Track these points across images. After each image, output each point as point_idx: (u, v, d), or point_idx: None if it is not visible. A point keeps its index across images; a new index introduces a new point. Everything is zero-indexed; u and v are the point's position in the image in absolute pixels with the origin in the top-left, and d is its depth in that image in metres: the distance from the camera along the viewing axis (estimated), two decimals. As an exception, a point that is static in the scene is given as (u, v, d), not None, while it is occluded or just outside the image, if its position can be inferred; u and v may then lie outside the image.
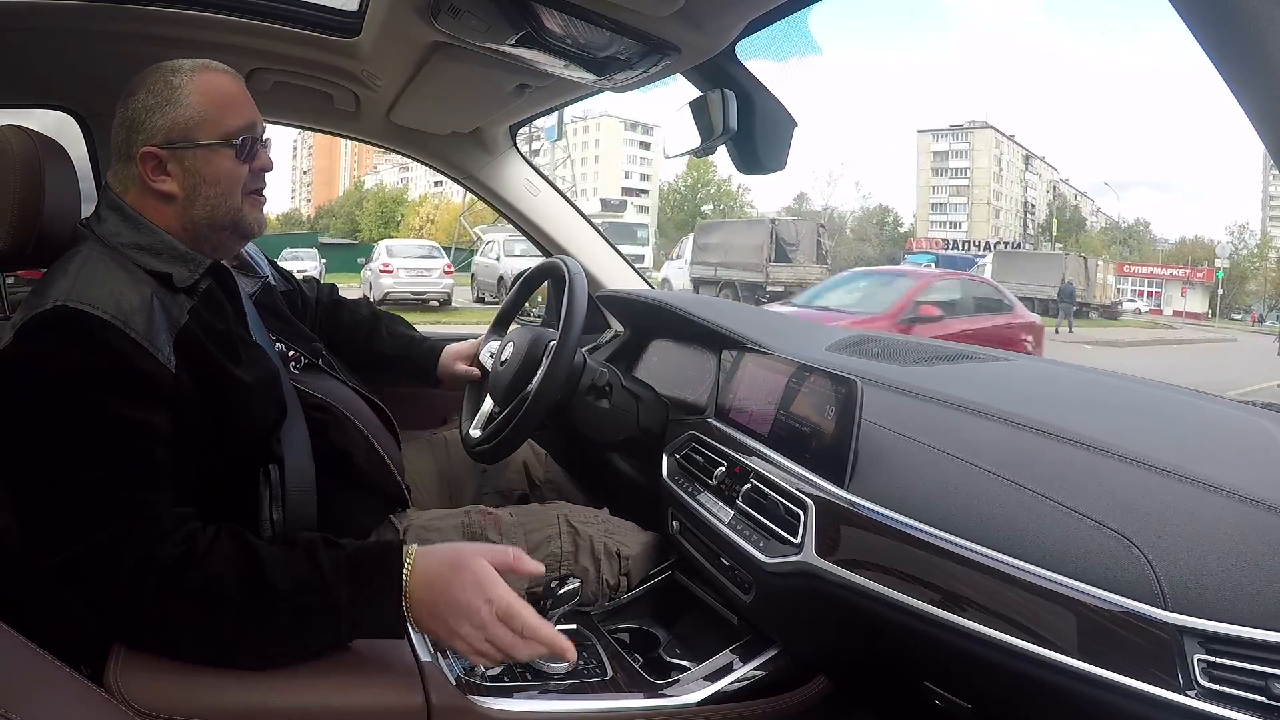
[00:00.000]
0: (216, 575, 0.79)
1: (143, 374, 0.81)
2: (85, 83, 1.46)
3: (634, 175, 58.15)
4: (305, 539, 0.84)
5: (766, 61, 1.17)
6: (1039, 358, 1.30)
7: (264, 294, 1.14)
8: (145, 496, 0.80)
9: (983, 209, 53.83)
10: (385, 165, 31.84)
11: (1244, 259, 46.65)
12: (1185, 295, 38.55)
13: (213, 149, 0.92)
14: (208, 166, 0.92)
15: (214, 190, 0.93)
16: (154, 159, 0.91)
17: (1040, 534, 0.71)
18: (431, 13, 1.04)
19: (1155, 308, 38.16)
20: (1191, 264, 33.84)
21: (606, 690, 0.96)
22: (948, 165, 56.56)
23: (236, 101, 0.94)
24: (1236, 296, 43.37)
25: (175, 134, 0.91)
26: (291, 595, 0.79)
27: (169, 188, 0.92)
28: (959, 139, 56.59)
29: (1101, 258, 31.22)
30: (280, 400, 0.98)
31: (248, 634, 0.79)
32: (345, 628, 0.82)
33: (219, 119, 0.92)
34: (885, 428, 0.92)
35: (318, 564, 0.81)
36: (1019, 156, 56.58)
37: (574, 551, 1.16)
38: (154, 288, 0.87)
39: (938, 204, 56.43)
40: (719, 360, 1.23)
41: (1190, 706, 0.58)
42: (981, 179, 54.66)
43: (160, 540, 0.79)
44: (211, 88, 0.93)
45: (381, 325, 1.46)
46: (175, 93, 0.91)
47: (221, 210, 0.94)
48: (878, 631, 0.83)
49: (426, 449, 1.43)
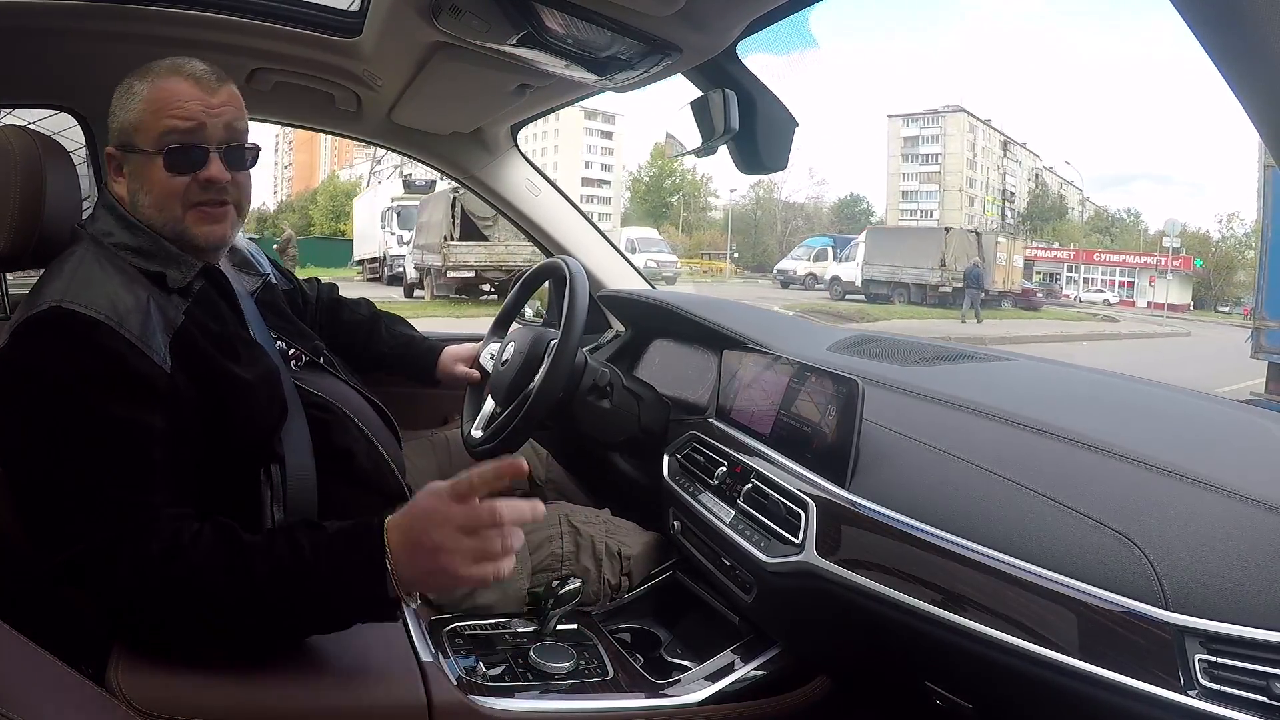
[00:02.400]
0: (198, 566, 0.78)
1: (138, 375, 0.81)
2: (85, 83, 1.46)
3: (594, 166, 56.39)
4: (286, 523, 0.83)
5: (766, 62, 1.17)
6: (1039, 358, 1.29)
7: (265, 292, 1.14)
8: (142, 497, 0.80)
9: (955, 196, 51.58)
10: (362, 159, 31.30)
11: (1232, 248, 44.06)
12: (1154, 285, 35.15)
13: (147, 156, 0.89)
14: (143, 174, 0.90)
15: (149, 200, 0.91)
16: (113, 159, 0.92)
17: (1041, 534, 0.71)
18: (432, 13, 1.04)
19: (1128, 299, 35.27)
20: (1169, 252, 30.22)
21: (608, 690, 0.97)
22: (918, 151, 54.24)
23: (181, 107, 0.88)
24: (1224, 288, 40.83)
25: (123, 137, 0.91)
26: (274, 578, 0.79)
27: (120, 191, 0.92)
28: (930, 123, 54.12)
29: (1001, 235, 26.58)
30: (281, 399, 0.98)
31: (237, 621, 0.79)
32: (336, 605, 0.81)
33: (153, 125, 0.89)
34: (886, 428, 0.92)
35: (298, 546, 0.80)
36: (996, 142, 54.28)
37: (575, 551, 1.16)
38: (149, 289, 0.87)
39: (908, 191, 54.33)
40: (720, 360, 1.23)
41: (1191, 706, 0.58)
42: (954, 165, 52.25)
43: (151, 537, 0.79)
44: (161, 91, 0.89)
45: (381, 325, 1.46)
46: (128, 96, 0.91)
47: (159, 221, 0.91)
48: (879, 631, 0.83)
49: (427, 449, 1.44)
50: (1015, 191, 54.15)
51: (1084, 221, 54.30)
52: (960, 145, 52.20)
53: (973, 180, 52.38)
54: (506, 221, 1.95)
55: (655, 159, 49.29)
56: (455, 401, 1.51)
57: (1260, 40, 0.47)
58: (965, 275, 18.54)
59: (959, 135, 52.33)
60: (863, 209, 54.31)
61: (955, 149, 52.42)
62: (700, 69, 1.17)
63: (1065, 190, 56.38)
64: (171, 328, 0.86)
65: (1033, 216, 51.38)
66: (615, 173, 55.20)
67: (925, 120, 54.59)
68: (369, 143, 1.92)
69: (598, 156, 56.67)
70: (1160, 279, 35.24)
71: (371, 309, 1.49)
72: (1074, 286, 37.57)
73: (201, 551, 0.79)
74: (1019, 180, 54.58)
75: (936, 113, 53.97)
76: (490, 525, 0.77)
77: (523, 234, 1.92)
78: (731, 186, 50.43)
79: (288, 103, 1.58)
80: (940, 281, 20.14)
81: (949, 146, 52.79)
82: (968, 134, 52.49)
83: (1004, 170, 54.01)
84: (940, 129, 53.44)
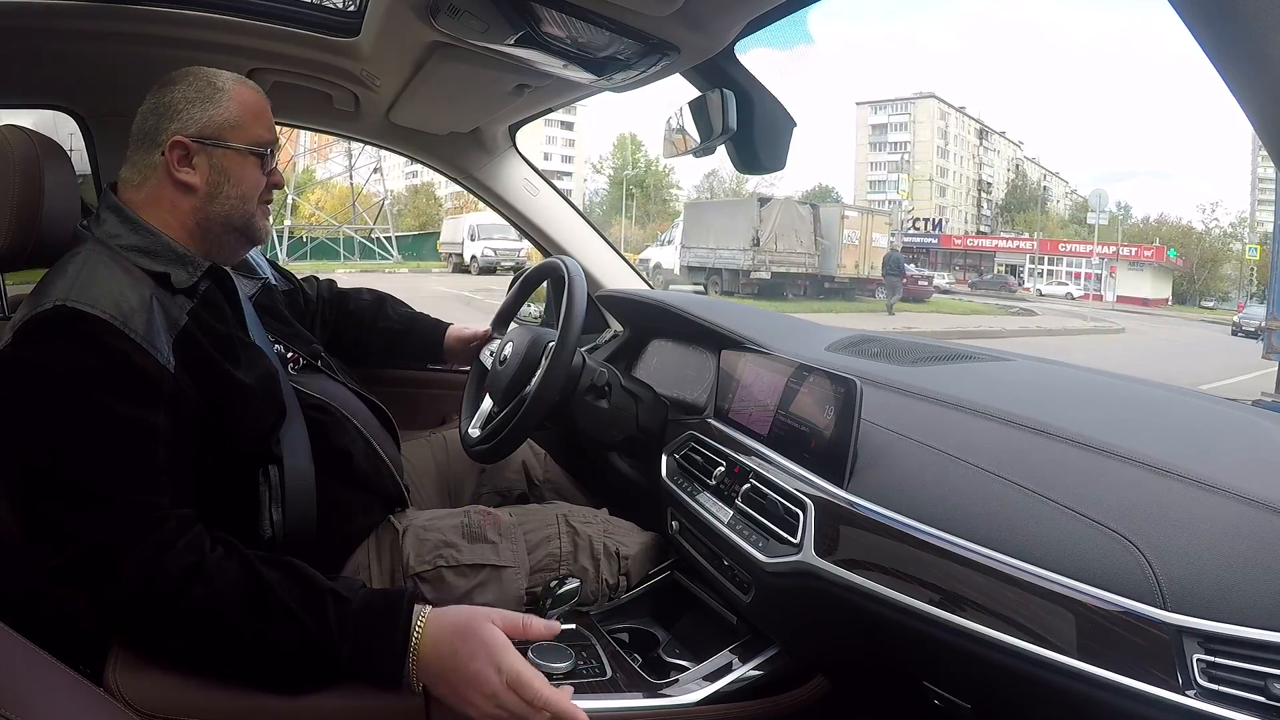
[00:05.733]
0: (223, 598, 0.79)
1: (142, 374, 0.81)
2: (85, 83, 1.46)
3: (554, 157, 54.00)
4: (315, 585, 0.83)
5: (764, 61, 1.17)
6: (1038, 357, 1.29)
7: (263, 295, 1.14)
8: (146, 497, 0.80)
9: (925, 185, 48.79)
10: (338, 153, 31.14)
11: (1217, 240, 41.60)
12: (1114, 275, 32.27)
13: (242, 154, 0.97)
14: (234, 168, 0.97)
15: (235, 191, 0.97)
16: (182, 149, 0.94)
17: (1039, 534, 0.71)
18: (431, 12, 1.04)
19: (1093, 292, 31.28)
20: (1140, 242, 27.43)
21: (606, 690, 0.97)
22: (886, 139, 51.30)
23: (266, 117, 1.00)
24: (1209, 282, 38.78)
25: (210, 130, 0.95)
26: (290, 644, 0.79)
27: (191, 179, 0.95)
28: (899, 110, 51.10)
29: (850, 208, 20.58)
30: (279, 401, 0.98)
31: (240, 661, 0.80)
32: (343, 675, 0.82)
33: (251, 128, 0.97)
34: (885, 428, 0.92)
35: (322, 616, 0.80)
36: (971, 130, 51.61)
37: (573, 551, 1.16)
38: (153, 289, 0.87)
39: (876, 181, 51.40)
40: (718, 360, 1.23)
41: (1189, 706, 0.58)
42: (923, 153, 49.44)
43: (166, 546, 0.79)
44: (249, 99, 0.98)
45: (386, 305, 1.51)
46: (217, 93, 0.96)
47: (238, 212, 0.98)
48: (877, 631, 0.83)
49: (426, 449, 1.44)
50: (993, 182, 51.91)
51: (1065, 213, 52.09)
52: (930, 133, 49.90)
53: (944, 169, 50.28)
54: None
55: (620, 150, 48.22)
56: (454, 402, 1.51)
57: (1259, 40, 0.47)
58: (884, 262, 16.61)
59: (929, 122, 50.00)
60: (832, 200, 53.05)
61: (925, 137, 50.05)
62: (698, 69, 1.17)
63: (1049, 181, 54.37)
64: (175, 328, 0.87)
65: (1010, 208, 49.82)
66: (576, 165, 53.38)
67: (894, 107, 51.90)
68: (368, 142, 1.92)
69: (558, 148, 54.84)
70: (1130, 270, 33.21)
71: (375, 293, 1.54)
72: (1038, 280, 35.46)
73: (226, 583, 0.79)
74: (997, 170, 52.36)
75: (906, 99, 51.45)
76: (529, 699, 0.79)
77: (521, 233, 1.92)
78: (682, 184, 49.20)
79: (286, 102, 1.58)
80: (754, 266, 16.65)
81: (918, 134, 50.36)
82: (939, 121, 50.24)
83: (979, 160, 51.79)
84: (909, 115, 50.84)
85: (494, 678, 0.79)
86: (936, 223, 42.09)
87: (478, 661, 0.79)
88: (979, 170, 51.72)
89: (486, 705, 0.79)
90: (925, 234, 39.74)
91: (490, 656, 0.79)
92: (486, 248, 21.68)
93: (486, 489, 1.41)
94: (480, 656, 0.79)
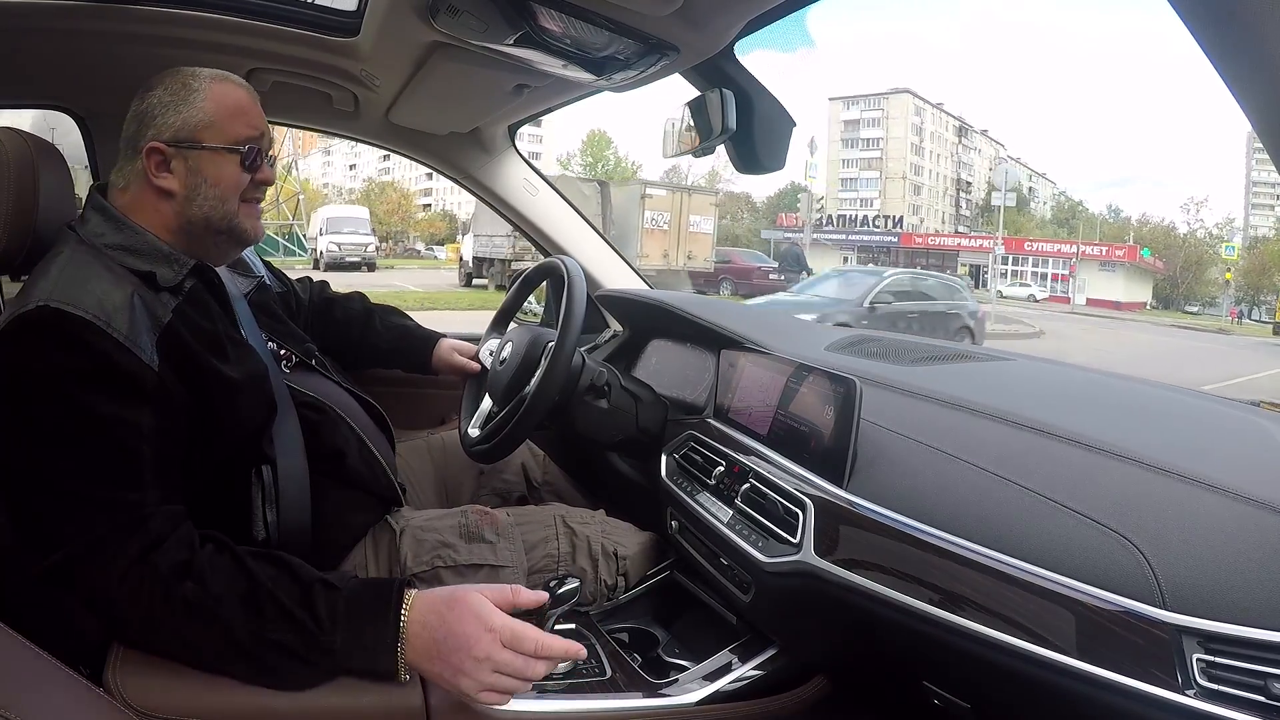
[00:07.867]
0: (214, 593, 0.78)
1: (125, 373, 0.81)
2: (84, 83, 1.46)
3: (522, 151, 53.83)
4: (305, 577, 0.83)
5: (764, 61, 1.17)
6: (1037, 357, 1.30)
7: (258, 293, 1.14)
8: (134, 495, 0.80)
9: (897, 184, 47.45)
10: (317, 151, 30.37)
11: (1202, 241, 39.96)
12: (1074, 275, 30.68)
13: (218, 153, 0.95)
14: (210, 169, 0.95)
15: (213, 192, 0.95)
16: (158, 154, 0.93)
17: (1039, 533, 0.71)
18: (430, 12, 1.04)
19: (1061, 294, 30.43)
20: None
21: (605, 690, 0.97)
22: (858, 135, 49.82)
23: (246, 112, 0.97)
24: (1194, 286, 37.27)
25: (184, 133, 0.93)
26: (284, 637, 0.79)
27: (169, 184, 0.93)
28: (871, 106, 49.51)
29: (657, 185, 15.46)
30: (270, 398, 0.98)
31: (233, 656, 0.79)
32: (337, 668, 0.81)
33: (228, 126, 0.95)
34: (884, 427, 0.92)
35: (313, 607, 0.80)
36: (949, 128, 50.05)
37: (571, 552, 1.16)
38: (136, 286, 0.87)
39: (848, 179, 50.14)
40: (718, 360, 1.23)
41: (1189, 706, 0.58)
42: (896, 150, 48.02)
43: (155, 544, 0.79)
44: (225, 96, 0.96)
45: (375, 318, 1.48)
46: (191, 94, 0.94)
47: (218, 213, 0.96)
48: (876, 631, 0.83)
49: (424, 450, 1.43)
50: (972, 181, 50.37)
51: (1049, 214, 50.72)
52: (904, 129, 48.59)
53: (918, 167, 48.77)
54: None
55: (590, 147, 47.48)
56: (452, 402, 1.51)
57: (1259, 40, 0.47)
58: (782, 256, 15.82)
59: (902, 119, 48.71)
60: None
61: (898, 133, 48.81)
62: (698, 69, 1.17)
63: (1035, 182, 52.86)
64: (159, 326, 0.86)
65: (990, 208, 48.15)
66: (544, 161, 51.76)
67: (867, 103, 50.30)
68: (367, 142, 1.92)
69: (525, 145, 53.56)
70: (1100, 271, 31.33)
71: (365, 303, 1.51)
72: (1000, 280, 32.05)
73: (217, 580, 0.79)
74: (977, 170, 50.76)
75: (879, 94, 49.77)
76: (530, 651, 0.80)
77: (520, 233, 1.92)
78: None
79: (285, 102, 1.58)
80: (515, 255, 13.96)
81: (891, 130, 49.06)
82: (913, 117, 48.94)
83: (958, 159, 50.41)
84: (882, 111, 49.34)
85: (485, 637, 0.78)
86: (897, 220, 40.96)
87: (466, 624, 0.79)
88: (957, 169, 50.39)
89: (480, 671, 0.78)
90: (886, 231, 38.65)
91: (479, 619, 0.79)
92: (332, 242, 20.62)
93: (485, 491, 1.41)
94: (469, 620, 0.79)
